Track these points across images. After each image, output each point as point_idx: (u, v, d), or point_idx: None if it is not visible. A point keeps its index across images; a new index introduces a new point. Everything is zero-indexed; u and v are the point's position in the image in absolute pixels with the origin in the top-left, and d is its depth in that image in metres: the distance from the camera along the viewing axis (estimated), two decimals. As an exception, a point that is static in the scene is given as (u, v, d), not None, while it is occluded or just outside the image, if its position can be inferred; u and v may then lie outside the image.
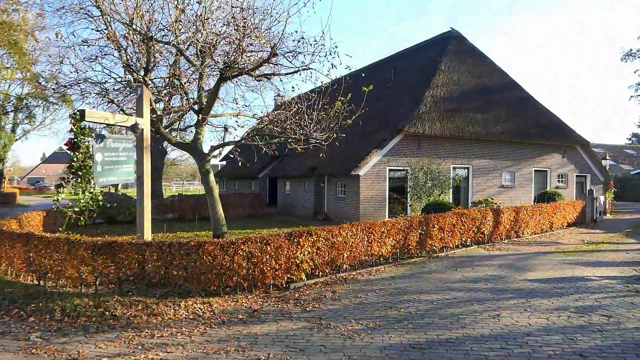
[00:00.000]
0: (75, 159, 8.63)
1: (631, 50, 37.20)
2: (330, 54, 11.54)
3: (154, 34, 11.80)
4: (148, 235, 10.17)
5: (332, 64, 11.51)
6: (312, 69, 11.88)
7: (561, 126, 25.16)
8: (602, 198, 24.51)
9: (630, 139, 76.25)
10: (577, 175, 26.17)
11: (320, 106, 12.41)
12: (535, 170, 24.41)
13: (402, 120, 20.10)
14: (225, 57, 12.41)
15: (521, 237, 16.88)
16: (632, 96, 41.72)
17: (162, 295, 8.70)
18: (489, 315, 7.67)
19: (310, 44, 11.72)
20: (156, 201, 23.77)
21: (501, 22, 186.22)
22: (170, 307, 7.98)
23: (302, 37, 11.81)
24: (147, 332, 6.84)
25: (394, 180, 20.46)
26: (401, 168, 20.31)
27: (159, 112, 13.89)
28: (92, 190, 8.87)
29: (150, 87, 13.06)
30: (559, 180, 25.36)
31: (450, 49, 24.37)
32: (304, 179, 25.14)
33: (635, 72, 36.06)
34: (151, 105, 12.03)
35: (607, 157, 30.78)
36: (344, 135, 13.10)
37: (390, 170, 20.13)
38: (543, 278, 10.52)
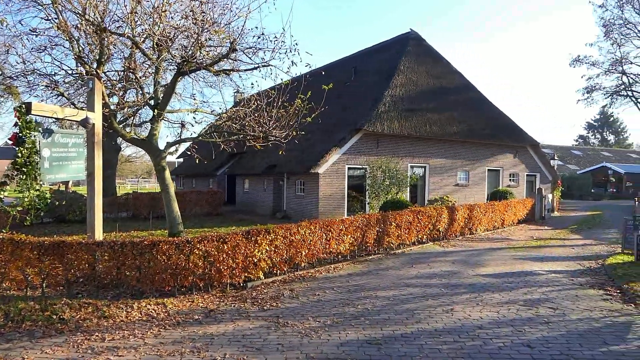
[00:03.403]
0: (19, 154, 8.20)
1: (579, 56, 39.19)
2: (291, 51, 11.53)
3: (108, 25, 11.39)
4: (99, 235, 9.80)
5: (292, 62, 11.49)
6: (272, 65, 11.83)
7: (513, 127, 26.10)
8: (550, 196, 25.65)
9: (576, 140, 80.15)
10: (527, 175, 27.23)
11: (280, 104, 12.35)
12: (488, 170, 25.22)
13: (362, 119, 20.29)
14: (183, 52, 12.14)
15: (475, 233, 17.42)
16: (579, 100, 43.82)
17: (114, 296, 8.42)
18: (443, 310, 7.87)
19: (271, 41, 11.66)
20: (109, 199, 22.99)
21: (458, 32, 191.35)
22: (122, 309, 7.72)
23: (263, 34, 11.73)
24: (97, 336, 6.59)
25: (353, 179, 20.64)
26: (360, 166, 20.51)
27: (112, 107, 13.44)
28: (38, 188, 8.45)
29: (104, 81, 12.61)
30: (510, 179, 26.30)
31: (409, 50, 24.79)
32: (263, 177, 24.96)
33: (582, 77, 37.88)
34: (104, 99, 11.60)
35: (556, 158, 32.24)
36: (303, 133, 13.09)
37: (349, 168, 20.29)
38: (494, 273, 10.88)
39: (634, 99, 38.41)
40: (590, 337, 6.57)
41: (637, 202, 15.22)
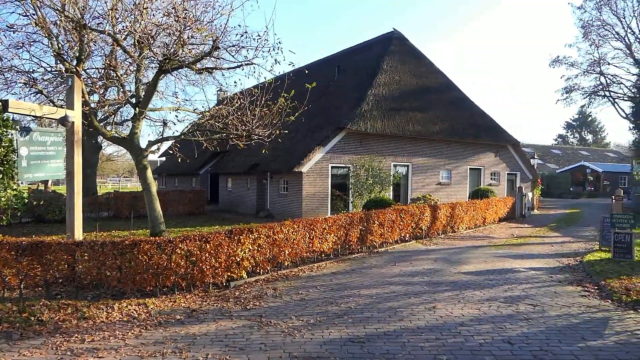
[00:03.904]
0: (-4, 153, 8.03)
1: (558, 56, 39.85)
2: (274, 49, 11.50)
3: (87, 22, 11.22)
4: (79, 235, 9.65)
5: (275, 60, 11.46)
6: (255, 64, 11.78)
7: (495, 127, 26.45)
8: (530, 195, 26.06)
9: (556, 140, 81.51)
10: (508, 173, 27.62)
11: (263, 102, 12.31)
12: (470, 168, 25.51)
13: (345, 118, 20.34)
14: (165, 49, 12.03)
15: (456, 232, 17.61)
16: (558, 99, 44.60)
17: (94, 297, 8.31)
18: (425, 307, 7.94)
19: (254, 39, 11.61)
20: (90, 198, 22.68)
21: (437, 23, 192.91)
22: (102, 309, 7.62)
23: (246, 32, 11.69)
24: (77, 337, 6.49)
25: (337, 177, 20.68)
26: (343, 165, 20.56)
27: (93, 105, 13.24)
28: (15, 187, 8.29)
29: (84, 78, 12.43)
30: (491, 178, 26.65)
31: (392, 49, 24.92)
32: (246, 176, 24.86)
33: (561, 77, 38.51)
34: (84, 97, 11.42)
35: (536, 157, 32.82)
36: (286, 132, 13.08)
37: (332, 167, 20.32)
38: (476, 271, 11.02)
39: (611, 99, 39.20)
40: (568, 332, 6.70)
41: (614, 201, 15.61)
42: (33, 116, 9.53)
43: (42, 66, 12.74)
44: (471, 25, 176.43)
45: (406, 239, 15.01)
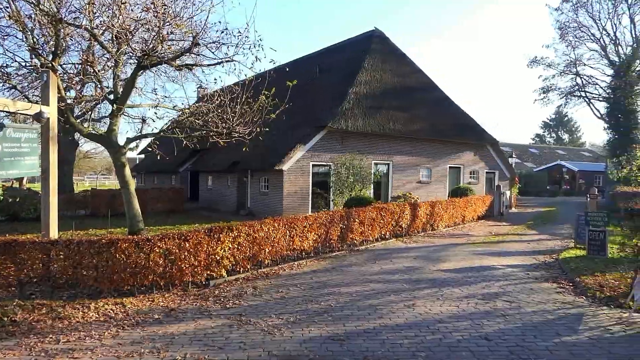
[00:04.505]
0: (-33, 149, 7.81)
1: (536, 57, 40.54)
2: (255, 46, 11.42)
3: (64, 16, 10.96)
4: (54, 233, 9.46)
5: (256, 57, 11.40)
6: (235, 61, 11.68)
7: (474, 126, 26.78)
8: (508, 193, 26.50)
9: (534, 139, 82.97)
10: (487, 172, 28.01)
11: (243, 100, 12.22)
12: (450, 167, 25.79)
13: (326, 116, 20.35)
14: (144, 45, 11.83)
15: (436, 229, 17.79)
16: (536, 99, 45.40)
17: (70, 297, 8.15)
18: (405, 305, 8.01)
19: (234, 36, 11.52)
20: (66, 196, 22.21)
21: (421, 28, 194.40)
22: (78, 309, 7.48)
23: (226, 28, 11.58)
24: (51, 338, 6.36)
25: (318, 175, 20.68)
26: (324, 163, 20.57)
27: (69, 101, 12.96)
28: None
29: (60, 73, 12.15)
30: (471, 177, 26.99)
31: (374, 48, 25.00)
32: (227, 174, 24.69)
33: (539, 78, 39.16)
34: (60, 92, 11.18)
35: (514, 156, 33.34)
36: (267, 129, 13.00)
37: (313, 165, 20.32)
38: (455, 268, 11.16)
39: (587, 100, 40.02)
40: (544, 328, 6.84)
41: (589, 199, 15.94)
42: (6, 112, 9.31)
43: (16, 61, 12.37)
44: (454, 28, 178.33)
45: (386, 236, 15.10)
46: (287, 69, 18.06)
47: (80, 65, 13.62)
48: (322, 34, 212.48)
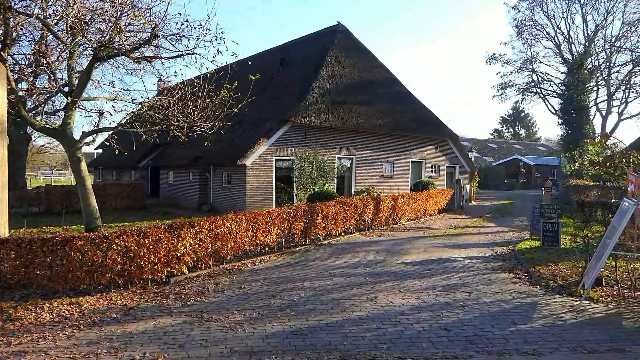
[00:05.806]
0: None
1: (494, 54, 41.68)
2: (217, 39, 11.23)
3: (14, 4, 10.45)
4: (4, 231, 9.05)
5: (218, 50, 11.21)
6: (196, 53, 11.45)
7: (435, 121, 27.29)
8: (468, 187, 27.20)
9: (492, 134, 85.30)
10: (447, 166, 28.63)
11: (205, 93, 12.00)
12: (412, 161, 26.21)
13: (290, 110, 20.26)
14: (100, 36, 11.43)
15: (398, 223, 18.07)
16: (494, 95, 46.78)
17: (22, 297, 7.83)
18: (367, 298, 8.10)
19: (195, 28, 11.30)
20: (18, 192, 21.33)
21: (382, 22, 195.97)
22: (31, 310, 7.20)
23: (187, 20, 11.33)
24: (2, 340, 6.10)
25: (281, 170, 20.60)
26: (288, 158, 20.50)
27: (20, 93, 12.40)
28: None
29: (10, 64, 11.61)
30: (432, 171, 27.53)
31: (337, 43, 25.03)
32: (189, 169, 24.24)
33: (497, 74, 40.23)
34: (10, 84, 10.66)
35: (473, 150, 34.21)
36: (230, 123, 12.83)
37: (277, 160, 20.21)
38: (416, 261, 11.37)
39: (542, 96, 41.52)
40: (501, 318, 7.07)
41: (543, 192, 16.62)
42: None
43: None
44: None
45: (350, 231, 15.23)
46: (249, 62, 17.89)
47: (32, 56, 13.04)
48: (290, 24, 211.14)
